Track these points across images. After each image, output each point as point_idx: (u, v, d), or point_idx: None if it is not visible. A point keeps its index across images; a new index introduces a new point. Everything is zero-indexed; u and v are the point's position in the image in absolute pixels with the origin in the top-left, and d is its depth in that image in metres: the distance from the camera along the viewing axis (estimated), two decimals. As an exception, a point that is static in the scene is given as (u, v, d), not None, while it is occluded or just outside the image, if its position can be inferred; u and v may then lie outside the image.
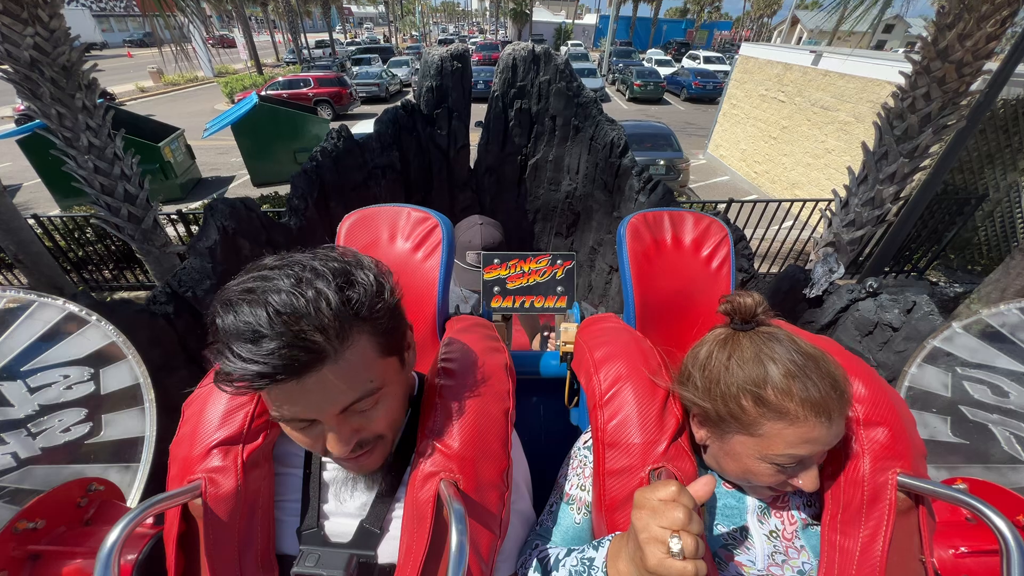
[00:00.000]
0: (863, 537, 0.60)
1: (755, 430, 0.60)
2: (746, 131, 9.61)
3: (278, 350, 0.44)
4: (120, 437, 1.10)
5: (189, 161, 8.88)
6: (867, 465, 0.61)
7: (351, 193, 3.24)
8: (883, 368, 2.12)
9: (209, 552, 0.58)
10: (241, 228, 2.39)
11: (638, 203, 3.28)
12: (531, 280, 1.27)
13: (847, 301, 2.21)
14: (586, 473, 0.76)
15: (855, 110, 6.77)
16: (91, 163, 3.69)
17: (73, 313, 1.11)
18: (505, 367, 0.74)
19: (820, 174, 7.50)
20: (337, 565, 0.58)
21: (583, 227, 4.01)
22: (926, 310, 1.94)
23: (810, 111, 7.72)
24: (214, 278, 2.32)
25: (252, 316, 0.45)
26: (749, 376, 0.60)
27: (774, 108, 8.71)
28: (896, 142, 3.84)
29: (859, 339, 2.18)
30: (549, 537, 0.74)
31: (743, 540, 0.66)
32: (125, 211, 3.95)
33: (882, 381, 0.67)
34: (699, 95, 17.24)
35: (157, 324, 2.17)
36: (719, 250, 0.97)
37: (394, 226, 0.95)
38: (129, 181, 3.94)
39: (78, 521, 0.75)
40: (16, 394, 1.01)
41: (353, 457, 0.57)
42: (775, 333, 0.62)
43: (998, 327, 1.17)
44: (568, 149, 3.71)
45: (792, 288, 2.41)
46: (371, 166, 3.30)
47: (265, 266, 0.51)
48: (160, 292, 2.22)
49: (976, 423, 1.16)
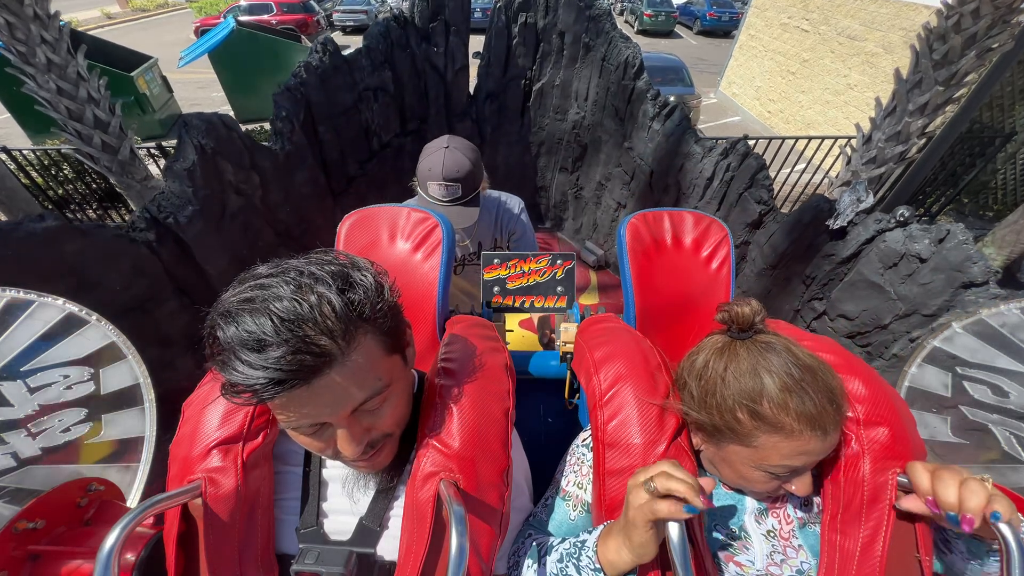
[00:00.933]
0: (863, 537, 0.60)
1: (750, 442, 0.61)
2: (762, 66, 8.99)
3: (284, 356, 0.44)
4: (120, 437, 1.12)
5: (167, 95, 8.26)
6: (867, 465, 0.61)
7: (341, 118, 2.98)
8: (903, 302, 2.04)
9: (209, 552, 0.58)
10: (221, 147, 2.18)
11: (651, 131, 3.04)
12: (531, 280, 1.27)
13: (873, 232, 2.08)
14: (583, 471, 0.76)
15: (885, 39, 6.25)
16: (53, 83, 3.36)
17: (73, 313, 1.10)
18: (505, 367, 0.74)
19: (839, 112, 7.09)
20: (337, 562, 0.59)
21: (590, 161, 3.78)
22: (960, 239, 1.82)
23: (835, 41, 7.15)
24: (196, 203, 2.15)
25: (255, 325, 0.44)
26: (745, 389, 0.60)
27: (796, 39, 8.07)
28: (933, 67, 3.53)
29: (881, 272, 2.08)
30: (542, 528, 0.75)
31: (742, 540, 0.66)
32: (98, 139, 3.67)
33: (882, 381, 0.66)
34: (713, 27, 16.01)
35: (139, 252, 2.03)
36: (719, 250, 0.96)
37: (394, 226, 0.95)
38: (98, 106, 3.62)
39: (78, 521, 0.75)
40: (16, 394, 1.02)
41: (365, 458, 0.58)
42: (772, 343, 0.62)
43: (998, 327, 1.17)
44: (577, 71, 3.40)
45: (814, 219, 2.28)
46: (362, 87, 3.01)
47: (260, 275, 0.50)
48: (139, 218, 2.06)
49: (976, 423, 1.17)
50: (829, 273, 2.30)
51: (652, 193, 3.23)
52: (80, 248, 1.83)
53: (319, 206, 3.07)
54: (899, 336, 2.09)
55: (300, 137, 2.72)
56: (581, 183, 3.94)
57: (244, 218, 2.44)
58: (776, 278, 2.58)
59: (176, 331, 2.29)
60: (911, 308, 2.01)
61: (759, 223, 2.60)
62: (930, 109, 3.70)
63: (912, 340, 2.04)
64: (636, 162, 3.25)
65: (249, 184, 2.39)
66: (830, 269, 2.28)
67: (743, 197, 2.60)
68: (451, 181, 1.36)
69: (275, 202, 2.64)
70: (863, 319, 2.19)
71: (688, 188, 2.93)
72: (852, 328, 2.26)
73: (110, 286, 1.98)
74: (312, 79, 2.69)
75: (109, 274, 1.96)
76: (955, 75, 3.51)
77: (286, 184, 2.69)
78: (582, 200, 4.01)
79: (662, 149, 3.00)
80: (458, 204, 1.40)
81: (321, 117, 2.84)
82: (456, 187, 1.37)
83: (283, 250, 2.91)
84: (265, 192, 2.54)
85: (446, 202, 1.39)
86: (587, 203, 3.97)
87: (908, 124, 3.79)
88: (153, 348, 2.21)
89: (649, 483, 0.51)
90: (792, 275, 2.49)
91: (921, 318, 2.00)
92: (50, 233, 1.73)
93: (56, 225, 1.74)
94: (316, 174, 2.91)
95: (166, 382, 2.38)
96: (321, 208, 3.10)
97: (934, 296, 1.93)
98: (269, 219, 2.63)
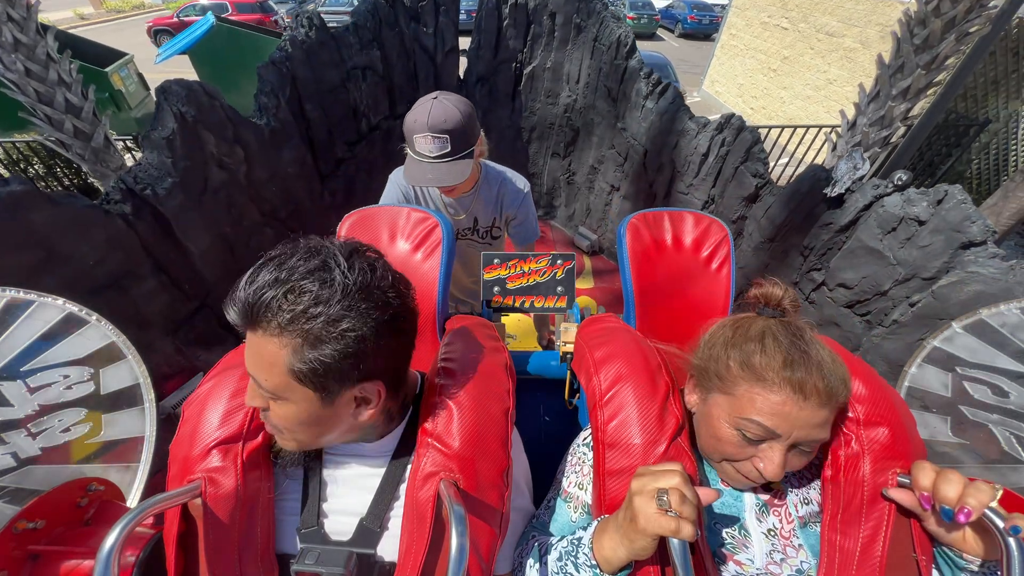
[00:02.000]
0: (863, 538, 0.60)
1: (732, 389, 0.62)
2: (744, 64, 9.17)
3: (241, 295, 0.51)
4: (120, 437, 1.12)
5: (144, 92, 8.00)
6: (867, 465, 0.61)
7: (328, 96, 2.89)
8: (903, 266, 2.04)
9: (209, 552, 0.58)
10: (202, 116, 2.08)
11: (645, 110, 3.03)
12: (531, 280, 1.27)
13: (871, 198, 2.08)
14: (584, 471, 0.76)
15: (862, 35, 6.43)
16: (20, 64, 3.19)
17: (73, 313, 1.10)
18: (505, 367, 0.75)
19: (820, 107, 7.25)
20: (337, 563, 0.58)
21: (582, 145, 3.75)
22: (959, 198, 1.82)
23: (814, 38, 7.34)
24: (175, 175, 2.04)
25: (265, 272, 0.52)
26: (746, 345, 0.62)
27: (776, 36, 8.26)
28: (915, 52, 3.62)
29: (880, 237, 2.08)
30: (545, 530, 0.75)
31: (742, 538, 0.66)
32: (69, 125, 3.49)
33: (882, 381, 0.67)
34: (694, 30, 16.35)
35: (114, 224, 1.91)
36: (719, 250, 0.96)
37: (394, 226, 0.95)
38: (70, 89, 3.46)
39: (78, 521, 0.75)
40: (16, 394, 1.02)
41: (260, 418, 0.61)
42: (792, 324, 0.63)
43: (998, 327, 1.17)
44: (568, 53, 3.38)
45: (812, 189, 2.27)
46: (349, 65, 2.93)
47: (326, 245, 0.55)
48: (114, 189, 1.94)
49: (976, 423, 1.16)
50: (827, 242, 2.29)
51: (646, 173, 3.21)
52: (49, 218, 1.71)
53: (307, 188, 2.97)
54: (899, 301, 2.09)
55: (286, 113, 2.62)
56: (573, 168, 3.92)
57: (227, 194, 2.33)
58: (774, 251, 2.57)
59: (155, 312, 2.16)
60: (911, 272, 2.01)
61: (755, 197, 2.59)
62: (912, 93, 3.78)
63: (912, 305, 2.04)
64: (630, 142, 3.24)
65: (233, 158, 2.29)
66: (828, 238, 2.28)
67: (739, 171, 2.59)
68: (439, 133, 1.22)
69: (260, 180, 2.53)
70: (863, 286, 2.18)
71: (683, 166, 2.92)
72: (851, 297, 2.25)
73: (83, 260, 1.85)
74: (298, 53, 2.60)
75: (81, 247, 1.83)
76: (936, 59, 3.60)
77: (272, 162, 2.59)
78: (574, 186, 3.98)
79: (656, 128, 2.98)
80: (447, 161, 1.25)
81: (308, 94, 2.75)
82: (444, 140, 1.23)
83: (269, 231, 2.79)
84: (250, 168, 2.43)
85: (433, 158, 1.24)
86: (579, 188, 3.94)
87: (892, 108, 3.86)
88: (130, 329, 2.06)
89: (662, 496, 0.50)
90: (790, 247, 2.48)
91: (921, 281, 2.00)
92: (15, 198, 1.60)
93: (22, 190, 1.62)
94: (303, 154, 2.81)
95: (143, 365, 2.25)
96: (309, 191, 3.00)
97: (934, 258, 1.93)
98: (254, 197, 2.52)
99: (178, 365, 2.41)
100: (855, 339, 2.31)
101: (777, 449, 0.59)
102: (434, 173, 1.26)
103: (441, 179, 1.26)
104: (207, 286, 2.39)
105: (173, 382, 2.41)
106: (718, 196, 2.79)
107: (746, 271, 2.74)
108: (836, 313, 2.35)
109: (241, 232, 2.48)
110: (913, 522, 0.59)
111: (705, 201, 2.89)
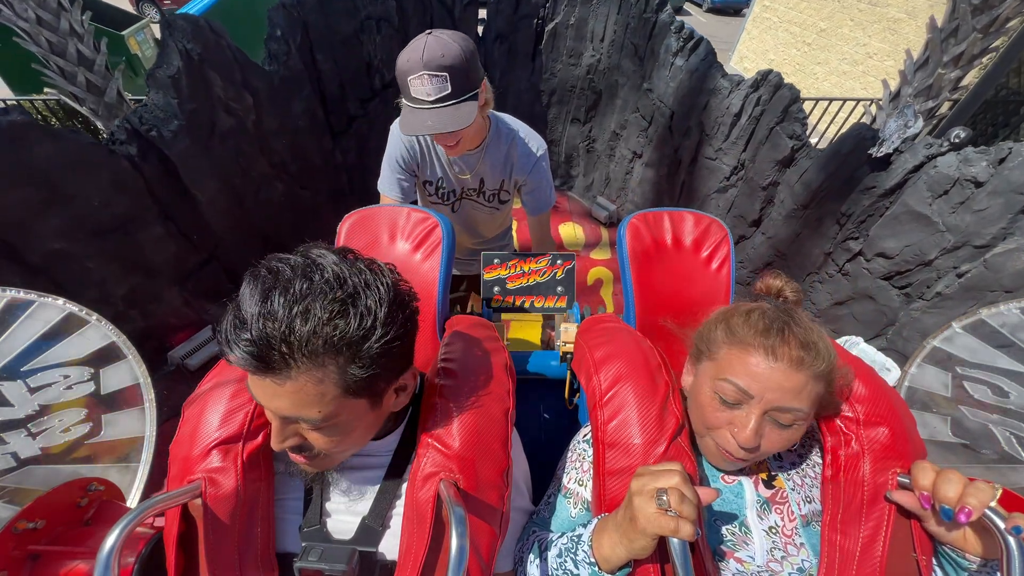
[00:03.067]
0: (863, 538, 0.60)
1: (716, 353, 0.65)
2: (777, 38, 8.70)
3: (247, 344, 0.46)
4: (120, 437, 1.13)
5: (160, 56, 7.98)
6: (867, 465, 0.62)
7: (340, 48, 2.77)
8: (952, 232, 1.88)
9: (209, 552, 0.58)
10: (208, 55, 1.99)
11: (674, 68, 2.84)
12: (531, 280, 1.27)
13: (922, 158, 1.91)
14: (584, 467, 0.76)
15: (909, 3, 6.00)
16: (31, 12, 3.13)
17: (73, 313, 1.10)
18: (505, 367, 0.75)
19: (856, 83, 6.86)
20: (340, 559, 0.58)
21: (604, 110, 3.57)
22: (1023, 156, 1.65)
23: (855, 8, 6.88)
24: (181, 117, 1.97)
25: (250, 302, 0.47)
26: (734, 318, 0.66)
27: (813, 7, 7.79)
28: (972, 13, 3.32)
29: (930, 201, 1.91)
30: (545, 526, 0.76)
31: (742, 536, 0.66)
32: (82, 78, 3.44)
33: (882, 381, 0.67)
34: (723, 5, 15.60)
35: (119, 165, 1.85)
36: (719, 250, 0.96)
37: (394, 226, 0.95)
38: (82, 40, 3.40)
39: (78, 521, 0.75)
40: (16, 394, 1.03)
41: (295, 456, 0.58)
42: (786, 307, 0.66)
43: (998, 327, 1.17)
44: (594, 8, 3.18)
45: (854, 149, 2.10)
46: (364, 15, 2.79)
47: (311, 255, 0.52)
48: (119, 129, 1.87)
49: (976, 423, 1.17)
50: (868, 208, 2.13)
51: (672, 137, 3.04)
52: (51, 152, 1.65)
53: (317, 144, 2.88)
54: (944, 272, 1.94)
55: (296, 62, 2.51)
56: (594, 135, 3.75)
57: (235, 142, 2.25)
58: (807, 219, 2.41)
59: (162, 260, 2.13)
60: (961, 239, 1.85)
61: (790, 161, 2.42)
62: (965, 60, 3.49)
63: (960, 276, 1.89)
64: (655, 104, 3.06)
65: (241, 104, 2.20)
66: (869, 204, 2.12)
67: (774, 132, 2.41)
68: (437, 71, 1.04)
69: (270, 130, 2.45)
70: (905, 256, 2.03)
71: (712, 128, 2.74)
72: (891, 267, 2.10)
73: (87, 201, 1.81)
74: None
75: (86, 187, 1.79)
76: (995, 21, 3.30)
77: (281, 112, 2.50)
78: (594, 154, 3.82)
79: (685, 87, 2.80)
80: (449, 104, 1.08)
81: (319, 43, 2.64)
82: (443, 79, 1.05)
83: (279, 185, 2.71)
84: (259, 117, 2.35)
85: (432, 103, 1.07)
86: (599, 156, 3.77)
87: (940, 76, 3.58)
88: (136, 275, 2.05)
89: (662, 496, 0.50)
90: (825, 214, 2.32)
91: (972, 250, 1.84)
92: (15, 129, 1.55)
93: (22, 120, 1.56)
94: (314, 107, 2.72)
95: (150, 315, 2.22)
96: (320, 147, 2.91)
97: (990, 224, 1.76)
98: (263, 148, 2.44)
99: (186, 317, 2.39)
100: (891, 313, 2.16)
101: (752, 414, 0.59)
102: (434, 119, 1.08)
103: (443, 124, 1.08)
104: (215, 238, 2.35)
105: (182, 334, 2.40)
106: (748, 160, 2.62)
107: (774, 240, 2.59)
108: (872, 285, 2.20)
109: (250, 184, 2.42)
110: (913, 522, 0.58)
111: (735, 167, 2.72)
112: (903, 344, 2.10)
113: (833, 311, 2.43)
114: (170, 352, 2.31)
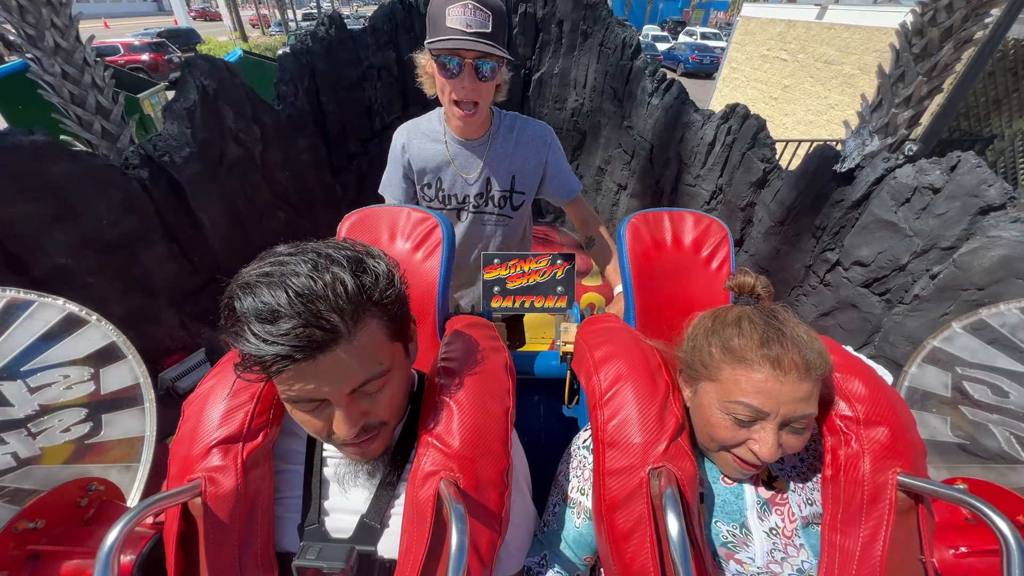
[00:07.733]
0: (863, 537, 0.60)
1: (717, 374, 0.64)
2: (746, 94, 9.47)
3: (294, 329, 0.46)
4: (120, 437, 1.12)
5: (171, 117, 8.45)
6: (867, 465, 0.62)
7: (344, 93, 3.02)
8: (920, 237, 1.99)
9: (209, 551, 0.58)
10: (223, 91, 2.16)
11: (650, 107, 3.10)
12: (531, 280, 1.26)
13: (882, 171, 2.06)
14: (585, 475, 0.76)
15: (860, 61, 6.65)
16: (58, 67, 3.40)
17: (73, 313, 1.11)
18: (505, 367, 0.75)
19: (822, 131, 7.39)
20: (338, 557, 0.59)
21: (588, 148, 3.83)
22: (973, 163, 1.80)
23: (813, 67, 7.60)
24: (193, 145, 2.10)
25: (272, 297, 0.46)
26: (724, 331, 0.65)
27: (776, 68, 8.57)
28: (914, 60, 3.71)
29: (895, 209, 2.04)
30: (555, 542, 0.76)
31: (743, 537, 0.66)
32: (98, 126, 3.66)
33: (882, 381, 0.67)
34: (696, 69, 17.08)
35: (131, 187, 1.95)
36: (719, 250, 0.97)
37: (394, 226, 0.96)
38: (101, 93, 3.65)
39: (78, 521, 0.76)
40: (16, 394, 1.03)
41: (357, 442, 0.59)
42: (766, 308, 0.66)
43: (998, 327, 1.17)
44: (575, 59, 3.52)
45: (820, 167, 2.27)
46: (366, 64, 3.07)
47: (280, 252, 0.53)
48: (133, 154, 2.00)
49: (976, 423, 1.16)
50: (840, 220, 2.26)
51: (653, 169, 3.25)
52: (67, 170, 1.75)
53: (319, 178, 3.04)
54: (919, 275, 2.02)
55: (303, 103, 2.73)
56: (581, 171, 3.98)
57: (242, 171, 2.38)
58: (785, 235, 2.53)
59: (162, 279, 2.17)
60: (929, 243, 1.96)
61: (764, 182, 2.59)
62: (915, 100, 3.84)
63: (932, 277, 1.97)
64: (636, 140, 3.30)
65: (249, 136, 2.36)
66: (840, 216, 2.25)
67: (746, 157, 2.60)
68: (483, 5, 1.02)
69: (275, 162, 2.60)
70: (879, 262, 2.12)
71: (690, 158, 2.95)
72: (868, 275, 2.19)
73: (96, 218, 1.88)
74: (318, 48, 2.74)
75: (97, 204, 1.87)
76: (936, 66, 3.68)
77: (287, 147, 2.67)
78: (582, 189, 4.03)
79: (662, 123, 3.04)
80: (487, 43, 1.05)
81: (325, 87, 2.87)
82: (486, 16, 1.04)
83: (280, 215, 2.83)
84: (265, 149, 2.51)
85: (470, 35, 1.03)
86: (586, 190, 3.98)
87: (895, 115, 3.92)
88: (136, 294, 2.08)
89: None
90: (801, 229, 2.45)
91: (940, 252, 1.94)
92: (38, 148, 1.66)
93: (45, 140, 1.67)
94: (317, 143, 2.90)
95: (146, 337, 2.22)
96: (320, 181, 3.07)
97: (951, 226, 1.88)
98: (268, 178, 2.58)
99: (181, 340, 2.39)
100: (875, 320, 2.22)
101: (769, 429, 0.59)
102: (474, 44, 1.04)
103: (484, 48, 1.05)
104: (216, 261, 2.41)
105: (175, 356, 2.37)
106: (726, 184, 2.80)
107: (756, 257, 2.70)
108: (853, 294, 2.28)
109: (253, 211, 2.52)
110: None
111: (713, 191, 2.89)
112: (891, 350, 2.14)
113: (820, 322, 2.49)
114: (160, 374, 2.28)
